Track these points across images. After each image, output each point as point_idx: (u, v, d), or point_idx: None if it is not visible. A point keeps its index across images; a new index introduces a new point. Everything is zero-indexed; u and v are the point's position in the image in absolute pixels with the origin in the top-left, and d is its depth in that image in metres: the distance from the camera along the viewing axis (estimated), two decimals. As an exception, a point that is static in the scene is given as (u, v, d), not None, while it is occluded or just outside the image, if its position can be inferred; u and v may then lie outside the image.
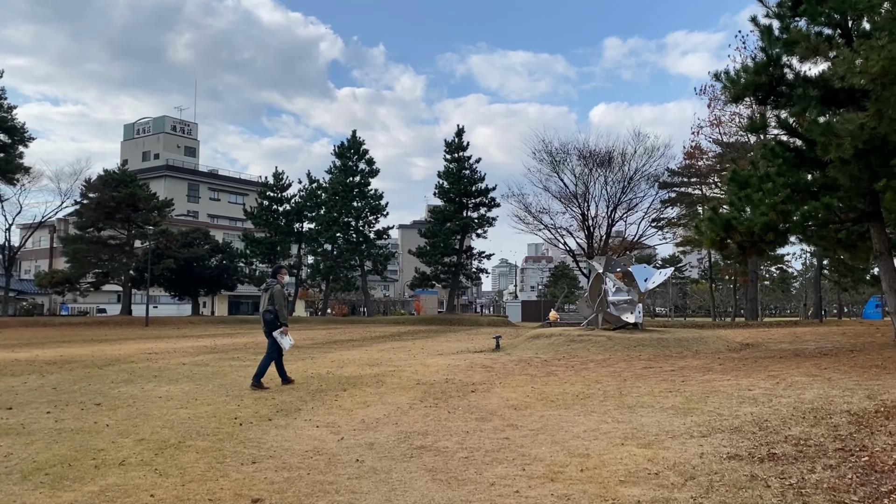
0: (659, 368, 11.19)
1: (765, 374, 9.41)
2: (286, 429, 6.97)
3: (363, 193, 46.51)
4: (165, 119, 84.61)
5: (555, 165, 37.43)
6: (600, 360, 13.35)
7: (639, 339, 15.05)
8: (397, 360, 14.26)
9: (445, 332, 29.64)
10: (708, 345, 15.06)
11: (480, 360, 14.02)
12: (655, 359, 13.07)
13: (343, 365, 13.25)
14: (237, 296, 69.45)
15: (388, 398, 8.80)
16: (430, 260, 43.77)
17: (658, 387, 8.87)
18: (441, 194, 44.36)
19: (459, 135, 44.54)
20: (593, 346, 14.91)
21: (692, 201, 48.87)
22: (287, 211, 49.89)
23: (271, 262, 49.76)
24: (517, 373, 11.39)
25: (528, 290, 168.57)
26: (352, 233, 46.21)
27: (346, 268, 46.70)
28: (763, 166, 12.69)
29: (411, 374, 11.41)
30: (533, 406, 7.85)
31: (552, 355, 14.52)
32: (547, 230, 38.76)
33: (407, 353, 16.52)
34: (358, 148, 46.66)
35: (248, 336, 26.10)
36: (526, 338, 16.99)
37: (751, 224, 11.88)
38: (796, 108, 11.92)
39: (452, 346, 19.39)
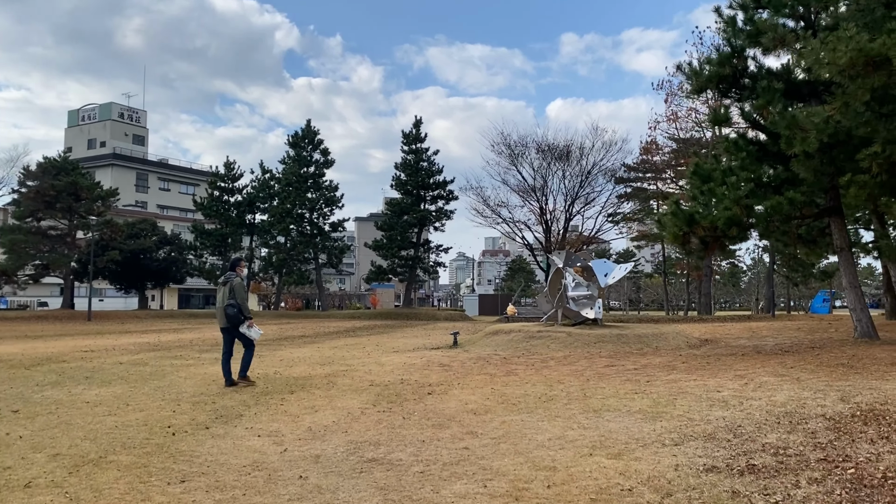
0: (621, 367, 10.85)
1: (731, 373, 9.13)
2: (224, 439, 6.34)
3: (318, 184, 45.45)
4: (112, 106, 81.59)
5: (513, 158, 37.18)
6: (560, 357, 12.98)
7: (599, 336, 14.75)
8: (350, 359, 13.65)
9: (402, 327, 29.07)
10: (668, 341, 14.85)
11: (438, 357, 13.51)
12: (616, 356, 12.76)
13: (292, 364, 12.58)
14: (187, 289, 67.46)
15: (338, 402, 8.22)
16: (387, 253, 43.08)
17: (623, 388, 8.49)
18: (398, 186, 43.67)
19: (417, 126, 43.90)
20: (553, 343, 14.55)
21: (647, 196, 49.34)
22: (239, 202, 48.48)
23: (222, 255, 48.37)
24: (476, 372, 10.91)
25: (485, 283, 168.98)
26: (306, 225, 45.14)
27: (300, 261, 45.63)
28: (726, 160, 12.47)
29: (364, 374, 10.83)
30: (493, 410, 7.37)
31: (511, 352, 14.10)
32: (505, 224, 38.53)
33: (361, 350, 15.91)
34: (312, 137, 45.55)
35: (195, 331, 25.07)
36: (484, 334, 16.56)
37: (714, 218, 11.64)
38: (760, 101, 11.71)
39: (409, 342, 18.84)
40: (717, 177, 12.20)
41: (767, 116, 11.65)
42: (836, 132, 10.32)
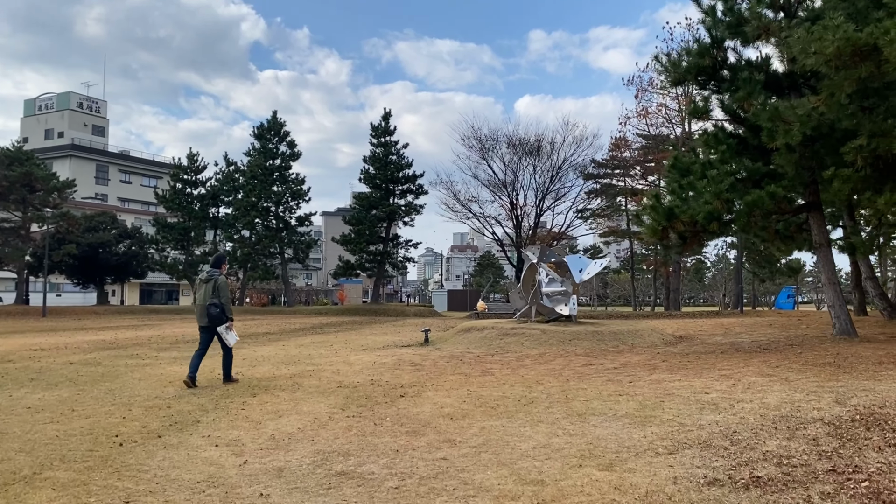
0: (600, 366, 10.47)
1: (715, 373, 8.80)
2: (178, 449, 5.76)
3: (284, 177, 44.44)
4: (71, 95, 79.04)
5: (484, 153, 36.77)
6: (536, 355, 12.58)
7: (573, 333, 14.40)
8: (317, 357, 13.06)
9: (370, 323, 28.47)
10: (643, 338, 14.57)
11: (409, 356, 13.00)
12: (593, 354, 12.41)
13: (256, 363, 11.95)
14: (149, 284, 65.75)
15: (304, 405, 7.66)
16: (355, 248, 42.30)
17: (605, 389, 8.10)
18: (367, 180, 42.91)
19: (386, 118, 43.18)
20: (528, 340, 14.15)
21: (616, 193, 49.40)
22: (202, 195, 47.21)
23: (184, 249, 47.10)
24: (450, 371, 10.43)
25: (453, 279, 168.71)
26: (271, 219, 44.11)
27: (265, 255, 44.61)
28: (704, 154, 12.17)
29: (332, 375, 10.27)
30: (472, 415, 6.90)
31: (485, 350, 13.67)
32: (476, 219, 38.11)
33: (328, 348, 15.32)
34: (279, 129, 44.51)
35: (155, 328, 24.15)
36: (456, 331, 16.09)
37: (693, 213, 11.33)
38: (741, 93, 11.42)
39: (378, 339, 18.29)
40: (697, 170, 11.90)
41: (749, 108, 11.37)
42: (820, 125, 10.08)
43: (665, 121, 36.50)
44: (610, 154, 45.92)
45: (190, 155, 47.17)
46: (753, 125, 11.92)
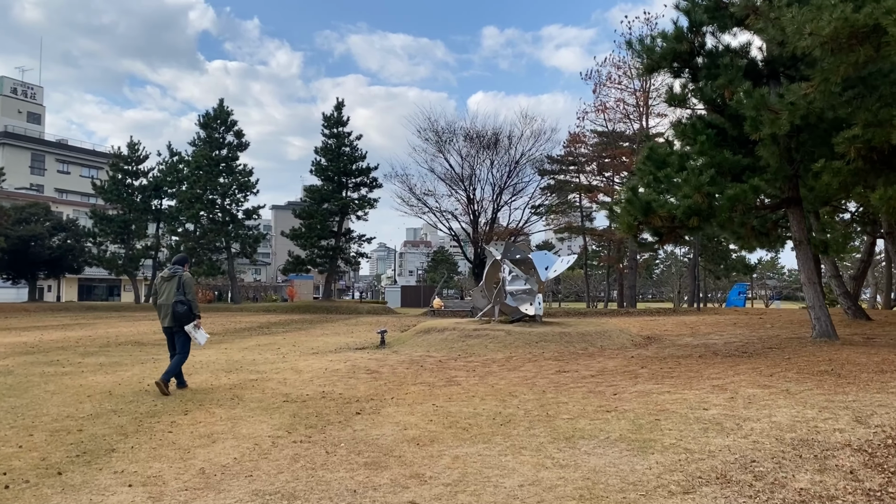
0: (575, 373, 9.61)
1: (706, 382, 8.01)
2: (79, 492, 4.62)
3: (231, 168, 42.52)
4: (4, 80, 74.69)
5: (441, 146, 35.75)
6: (502, 359, 11.67)
7: (540, 334, 13.55)
8: (262, 363, 11.87)
9: (322, 321, 27.18)
10: (612, 339, 13.82)
11: (364, 360, 11.93)
12: (564, 358, 11.56)
13: (192, 371, 10.69)
14: (89, 279, 62.64)
15: (244, 427, 6.54)
16: (306, 243, 40.74)
17: (589, 403, 7.20)
18: (319, 172, 41.35)
19: (339, 109, 41.67)
20: (492, 343, 13.23)
21: (571, 189, 49.07)
22: (144, 186, 44.88)
23: (124, 243, 44.73)
24: (411, 380, 9.41)
25: (406, 274, 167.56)
26: (217, 211, 42.15)
27: (211, 250, 42.64)
28: (682, 144, 11.44)
29: (278, 385, 9.13)
30: (441, 438, 5.90)
31: (447, 353, 12.69)
32: (432, 213, 37.08)
33: (275, 352, 14.10)
34: (225, 118, 42.55)
35: (88, 328, 22.39)
36: (415, 332, 15.07)
37: (672, 207, 10.56)
38: (722, 80, 10.71)
39: (330, 340, 17.11)
40: (674, 162, 11.16)
41: (730, 96, 10.66)
42: (808, 114, 9.41)
43: (623, 116, 36.20)
44: (565, 150, 45.51)
45: (130, 144, 44.80)
46: (734, 115, 11.25)
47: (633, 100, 35.37)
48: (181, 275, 8.70)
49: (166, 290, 8.67)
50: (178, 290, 8.57)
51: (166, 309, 8.60)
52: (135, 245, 45.62)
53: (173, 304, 8.51)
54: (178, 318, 8.53)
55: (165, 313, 8.62)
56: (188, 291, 8.63)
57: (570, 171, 48.07)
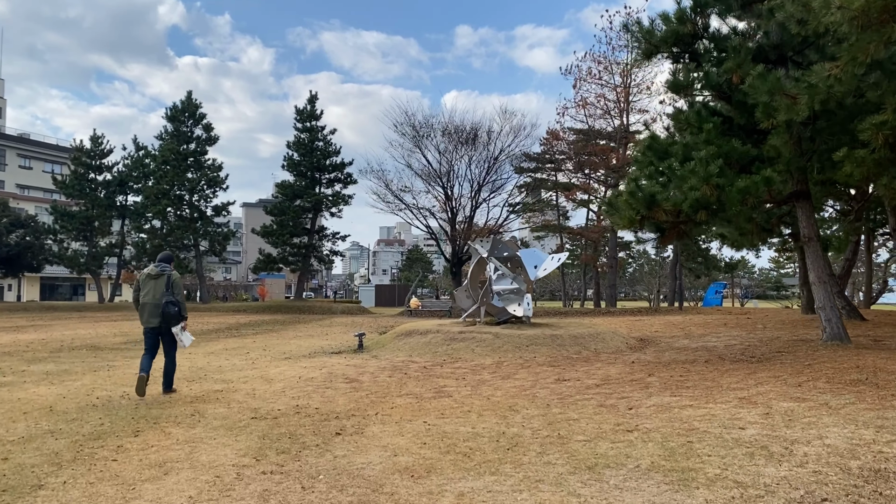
0: (577, 382, 8.72)
1: (729, 394, 7.18)
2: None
3: (199, 163, 40.96)
4: (-41, 71, 71.88)
5: (418, 140, 34.71)
6: (492, 365, 10.75)
7: (530, 337, 12.66)
8: (229, 370, 10.79)
9: (294, 323, 26.01)
10: (606, 342, 13.00)
11: (342, 367, 10.92)
12: (559, 363, 10.68)
13: (151, 380, 9.58)
14: (52, 278, 60.37)
15: (203, 452, 5.52)
16: (278, 240, 39.36)
17: (604, 420, 6.31)
18: (291, 167, 39.99)
19: (312, 102, 40.35)
20: (479, 346, 12.32)
21: (548, 187, 48.42)
22: (108, 181, 43.10)
23: (87, 240, 42.94)
24: (396, 391, 8.44)
25: (380, 273, 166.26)
26: (185, 208, 40.58)
27: (178, 247, 41.07)
28: (684, 134, 10.63)
29: (246, 398, 8.10)
30: (439, 468, 4.95)
31: (431, 359, 11.74)
32: (408, 210, 36.03)
33: (244, 356, 13.01)
34: (194, 111, 40.98)
35: (43, 330, 20.97)
36: (395, 335, 14.09)
37: (677, 201, 9.73)
38: (730, 63, 9.92)
39: (303, 343, 16.04)
40: (678, 152, 10.34)
41: (737, 81, 9.87)
42: (828, 99, 8.64)
43: (604, 112, 35.55)
44: (543, 147, 44.80)
45: (94, 137, 42.99)
46: (741, 102, 10.48)
47: (614, 95, 34.78)
48: (170, 273, 8.39)
49: (152, 289, 8.31)
50: (168, 290, 8.29)
51: (153, 308, 8.25)
52: (98, 242, 43.85)
53: (164, 303, 8.22)
54: (169, 318, 8.25)
55: (152, 313, 8.26)
56: (178, 291, 8.37)
57: (547, 169, 47.44)
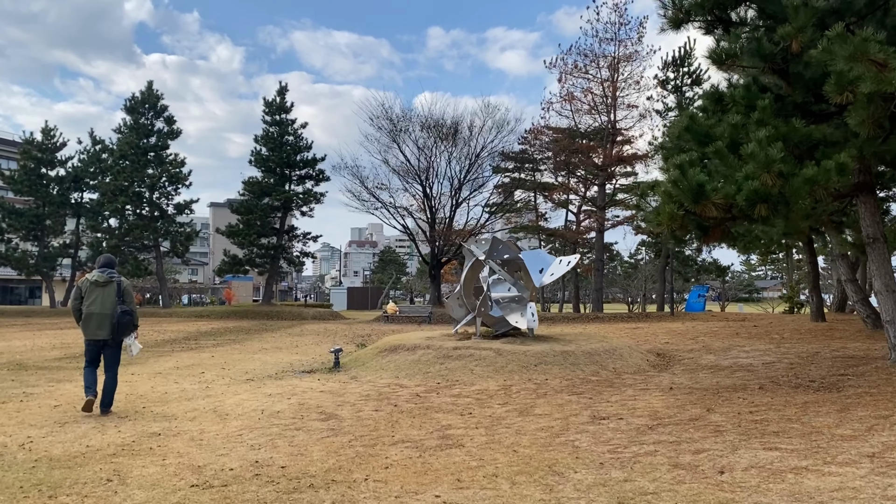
0: (618, 420, 6.84)
1: (846, 447, 5.35)
2: None
3: (160, 158, 38.35)
4: None
5: (395, 135, 32.74)
6: (499, 392, 8.85)
7: (538, 354, 10.79)
8: (176, 399, 8.71)
9: (261, 330, 23.79)
10: (624, 359, 11.20)
11: (315, 394, 8.92)
12: (579, 388, 8.81)
13: (70, 417, 7.48)
14: (6, 280, 56.97)
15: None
16: (245, 241, 36.87)
17: (697, 496, 4.42)
18: (259, 163, 37.54)
19: (282, 94, 37.97)
20: (479, 366, 10.41)
21: (527, 187, 46.81)
22: (61, 177, 40.29)
23: (38, 240, 40.08)
24: (387, 435, 6.48)
25: (351, 275, 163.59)
26: (145, 205, 37.94)
27: (137, 248, 38.46)
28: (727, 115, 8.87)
29: (189, 446, 6.07)
30: None
31: (422, 382, 9.79)
32: (385, 209, 34.00)
33: (197, 378, 10.91)
34: (154, 103, 38.37)
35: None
36: (377, 350, 12.10)
37: (729, 192, 7.94)
38: (789, 28, 8.17)
39: (270, 359, 13.96)
40: (724, 134, 8.56)
41: (798, 49, 8.13)
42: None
43: (590, 108, 33.89)
44: (521, 146, 43.10)
45: (45, 129, 40.12)
46: (798, 75, 8.77)
47: (601, 90, 33.16)
48: (120, 281, 7.79)
49: (100, 298, 7.65)
50: (119, 299, 7.69)
51: (101, 319, 7.60)
52: (50, 242, 41.01)
53: (118, 314, 7.63)
54: (122, 329, 7.69)
55: (100, 324, 7.61)
56: (130, 300, 7.81)
57: (526, 169, 45.78)
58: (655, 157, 33.22)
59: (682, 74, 32.87)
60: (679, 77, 32.88)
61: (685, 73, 32.83)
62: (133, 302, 7.89)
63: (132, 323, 7.79)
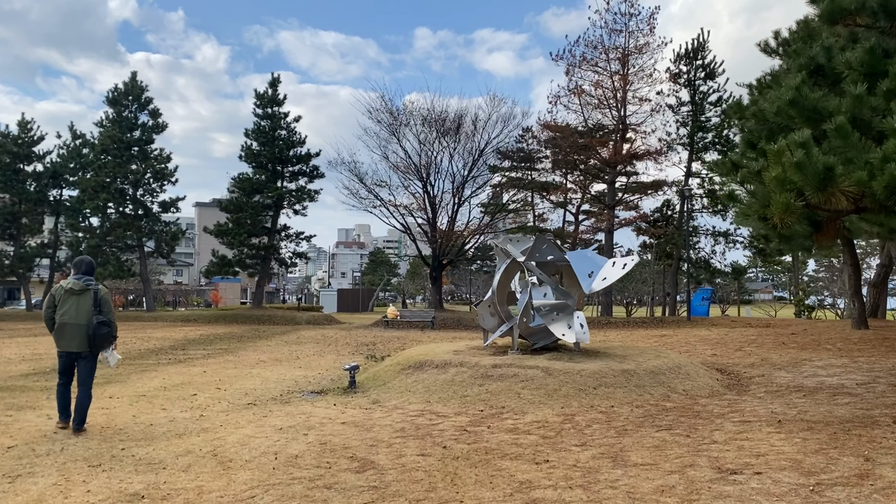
0: (758, 478, 5.18)
1: None
2: None
3: (144, 153, 36.27)
4: None
5: (395, 129, 31.01)
6: (564, 424, 7.18)
7: (594, 374, 9.13)
8: (163, 435, 6.95)
9: (254, 337, 21.95)
10: (692, 378, 9.56)
11: (337, 427, 7.19)
12: (662, 420, 7.15)
13: (25, 469, 5.71)
14: (-20, 281, 54.54)
15: None
16: (234, 240, 34.85)
17: None
18: (249, 158, 35.55)
19: (274, 85, 36.00)
20: (527, 389, 8.72)
21: (526, 187, 45.27)
22: (39, 173, 38.09)
23: (13, 239, 37.92)
24: (448, 493, 4.79)
25: (338, 276, 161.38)
26: (128, 203, 35.86)
27: (120, 248, 36.39)
28: (848, 85, 7.25)
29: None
30: None
31: (461, 409, 8.10)
32: (384, 207, 32.23)
33: (188, 402, 9.13)
34: (138, 94, 36.30)
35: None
36: (399, 367, 10.38)
37: (862, 179, 6.32)
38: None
39: (270, 374, 12.18)
40: (842, 108, 6.95)
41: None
42: None
43: (599, 102, 32.32)
44: (519, 145, 41.47)
45: (22, 122, 37.90)
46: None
47: (611, 83, 31.60)
48: (97, 289, 7.26)
49: (74, 307, 7.12)
50: (96, 308, 7.14)
51: (76, 330, 7.06)
52: (27, 242, 38.84)
53: (95, 325, 7.08)
54: (100, 342, 7.15)
55: (74, 335, 7.06)
56: (108, 309, 7.26)
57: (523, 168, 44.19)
58: (669, 153, 31.93)
59: (696, 68, 31.48)
60: (692, 70, 31.47)
61: (699, 67, 31.43)
62: (111, 312, 7.28)
63: (111, 335, 7.19)
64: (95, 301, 7.13)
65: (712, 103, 31.14)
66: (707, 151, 31.28)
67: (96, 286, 7.28)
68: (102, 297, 7.22)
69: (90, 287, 7.18)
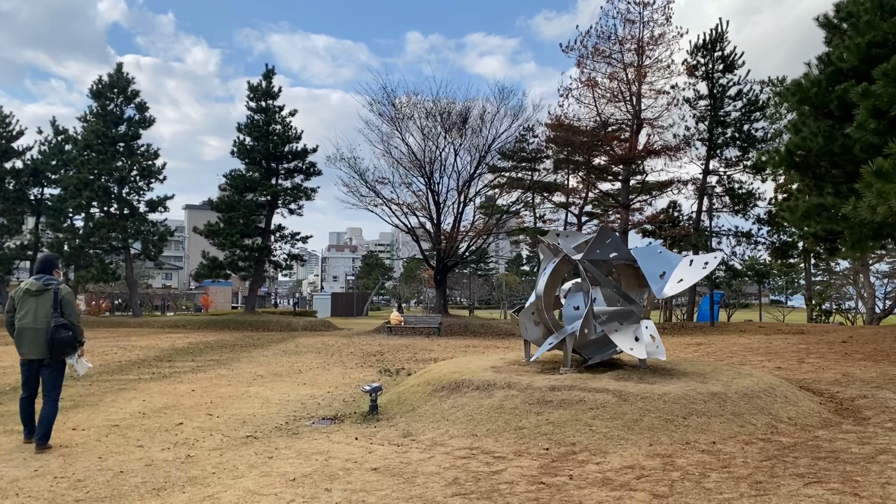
0: None
1: None
2: None
3: (131, 149, 34.21)
4: None
5: (398, 122, 29.22)
6: (668, 470, 5.41)
7: (680, 398, 7.35)
8: (137, 490, 5.13)
9: (249, 346, 20.03)
10: (791, 403, 7.82)
11: (365, 476, 5.39)
12: (793, 465, 5.39)
13: None
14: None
15: None
16: (226, 241, 32.81)
17: None
18: (242, 154, 33.51)
19: (269, 77, 33.96)
20: (599, 419, 6.94)
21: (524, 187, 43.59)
22: (18, 170, 35.95)
23: (-10, 240, 35.78)
24: None
25: (330, 280, 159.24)
26: (113, 202, 33.81)
27: (104, 249, 34.34)
28: None
29: None
30: None
31: (519, 446, 6.32)
32: (386, 205, 30.38)
33: (174, 435, 7.28)
34: (124, 87, 34.24)
35: None
36: (429, 387, 8.56)
37: None
38: None
39: (271, 394, 10.32)
40: None
41: None
42: None
43: (613, 95, 30.61)
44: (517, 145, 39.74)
45: (0, 116, 35.82)
46: None
47: (625, 76, 29.90)
48: (57, 289, 6.60)
49: (33, 309, 6.50)
50: (56, 310, 6.50)
51: (35, 335, 6.44)
52: (6, 243, 36.69)
53: (53, 329, 6.40)
54: (61, 347, 6.45)
55: (33, 340, 6.44)
56: (70, 311, 6.58)
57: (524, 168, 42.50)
58: (687, 148, 30.25)
59: (714, 59, 29.84)
60: (711, 62, 29.83)
61: (718, 58, 29.80)
62: (74, 313, 6.68)
63: (74, 339, 6.57)
64: (56, 302, 6.54)
65: (731, 97, 29.52)
66: (727, 147, 29.65)
67: (57, 285, 6.68)
68: (64, 297, 6.62)
69: (49, 287, 6.61)
